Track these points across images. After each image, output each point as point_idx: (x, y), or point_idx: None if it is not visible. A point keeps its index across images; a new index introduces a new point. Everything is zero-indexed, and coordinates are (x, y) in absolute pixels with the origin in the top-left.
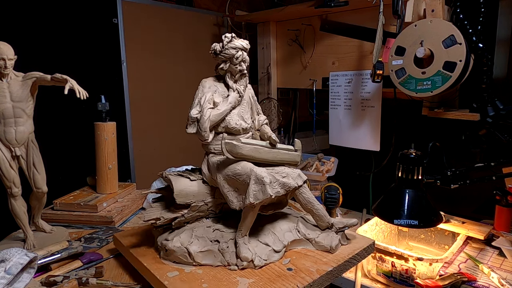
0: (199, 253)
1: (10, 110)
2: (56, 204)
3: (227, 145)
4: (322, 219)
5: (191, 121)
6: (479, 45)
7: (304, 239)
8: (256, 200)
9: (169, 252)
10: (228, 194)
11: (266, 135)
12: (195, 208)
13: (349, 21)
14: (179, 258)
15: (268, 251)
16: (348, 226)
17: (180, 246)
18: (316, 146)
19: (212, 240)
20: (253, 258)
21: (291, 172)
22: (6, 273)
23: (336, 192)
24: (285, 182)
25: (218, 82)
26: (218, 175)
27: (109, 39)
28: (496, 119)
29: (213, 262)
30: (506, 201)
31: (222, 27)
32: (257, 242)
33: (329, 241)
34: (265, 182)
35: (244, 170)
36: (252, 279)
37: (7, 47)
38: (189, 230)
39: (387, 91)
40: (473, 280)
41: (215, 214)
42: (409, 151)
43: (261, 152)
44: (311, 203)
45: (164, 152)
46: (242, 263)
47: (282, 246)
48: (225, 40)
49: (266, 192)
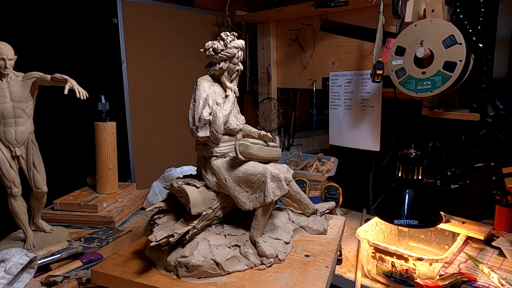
0: (226, 261)
1: (10, 110)
2: (56, 204)
3: (241, 146)
4: (308, 206)
5: (203, 123)
6: (479, 45)
7: (299, 227)
8: (275, 196)
9: (192, 268)
10: (240, 196)
11: (254, 134)
12: (206, 216)
13: (349, 21)
14: (206, 272)
15: (282, 244)
16: (329, 209)
17: (205, 259)
18: (316, 146)
19: (230, 246)
20: (278, 253)
21: (281, 166)
22: (6, 273)
23: (336, 192)
24: (286, 177)
25: (214, 82)
26: (227, 178)
27: (109, 39)
28: (496, 119)
29: (241, 267)
30: (506, 201)
31: (222, 27)
32: (270, 238)
33: (321, 225)
34: (281, 178)
35: (258, 170)
36: (287, 272)
37: (7, 47)
38: (204, 241)
39: (387, 91)
40: (473, 280)
41: (218, 219)
42: (409, 151)
43: (263, 150)
44: (299, 193)
45: (164, 152)
46: (269, 260)
47: (290, 237)
48: (227, 38)
49: (283, 188)
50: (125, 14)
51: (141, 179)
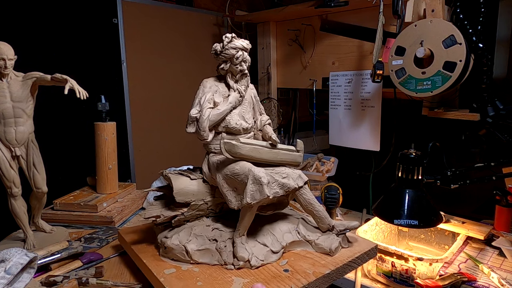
0: (196, 251)
1: (10, 110)
2: (56, 204)
3: (226, 144)
4: (323, 221)
5: (190, 120)
6: (479, 45)
7: (304, 241)
8: (253, 200)
9: (168, 250)
10: (227, 194)
11: (267, 135)
12: (195, 207)
13: (349, 21)
14: (177, 256)
15: (265, 251)
16: (349, 228)
17: (178, 244)
18: (316, 146)
19: (210, 239)
20: (250, 258)
21: (292, 172)
22: (6, 273)
23: (336, 192)
24: (284, 183)
25: (219, 82)
26: (218, 174)
27: (109, 39)
28: (496, 119)
29: (210, 260)
30: (506, 201)
31: (222, 27)
32: (255, 242)
33: (329, 244)
34: (263, 183)
35: (243, 170)
36: (247, 279)
37: (7, 47)
38: (188, 228)
39: (387, 91)
40: (473, 280)
41: (215, 213)
42: (409, 151)
43: (261, 152)
44: (312, 204)
45: (164, 152)
46: (239, 262)
47: (280, 247)
48: (225, 40)
49: (263, 192)
50: (125, 14)
51: (141, 179)
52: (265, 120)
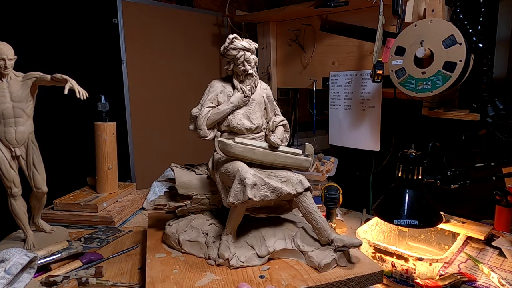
0: (187, 242)
1: (10, 110)
2: (56, 204)
3: (220, 143)
4: (322, 233)
5: (191, 119)
6: (479, 45)
7: (297, 251)
8: (235, 200)
9: (166, 236)
10: (222, 191)
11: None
12: (197, 200)
13: (349, 21)
14: (171, 243)
15: (250, 254)
16: (348, 246)
17: (174, 233)
18: (316, 146)
19: (204, 232)
20: (230, 258)
21: (293, 177)
22: (6, 273)
23: (336, 192)
24: (276, 187)
25: (227, 82)
26: (215, 171)
27: (109, 39)
28: (496, 119)
29: (198, 253)
30: (506, 201)
31: (222, 27)
32: (243, 243)
33: (321, 258)
34: (246, 184)
35: (233, 169)
36: (218, 277)
37: (7, 47)
38: (188, 220)
39: (387, 91)
40: (473, 280)
41: (218, 209)
42: (409, 151)
43: (256, 153)
44: (311, 213)
45: (164, 152)
46: (219, 259)
47: (267, 252)
48: (226, 41)
49: (245, 194)
50: (125, 14)
51: (141, 179)
52: (278, 121)
